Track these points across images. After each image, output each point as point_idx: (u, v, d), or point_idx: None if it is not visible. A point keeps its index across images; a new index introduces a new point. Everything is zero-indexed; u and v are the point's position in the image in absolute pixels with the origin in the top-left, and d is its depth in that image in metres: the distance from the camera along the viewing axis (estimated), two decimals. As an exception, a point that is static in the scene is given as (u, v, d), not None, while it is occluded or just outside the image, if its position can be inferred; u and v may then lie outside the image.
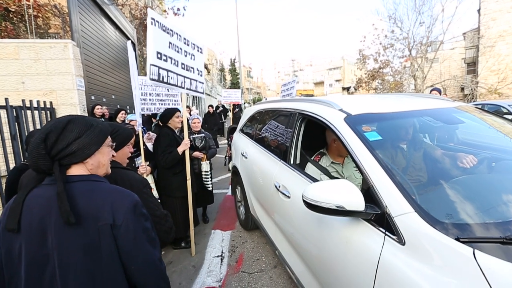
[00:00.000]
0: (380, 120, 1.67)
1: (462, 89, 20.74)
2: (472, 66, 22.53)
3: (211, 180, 3.56)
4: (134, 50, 4.04)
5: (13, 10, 6.11)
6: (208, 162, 3.52)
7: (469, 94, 16.95)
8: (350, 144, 1.45)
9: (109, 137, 0.99)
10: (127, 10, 9.60)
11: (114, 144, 1.30)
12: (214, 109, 10.40)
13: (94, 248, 0.81)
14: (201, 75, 3.22)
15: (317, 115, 1.85)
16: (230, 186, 4.38)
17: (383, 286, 1.06)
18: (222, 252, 2.92)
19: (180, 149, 2.81)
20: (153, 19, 2.35)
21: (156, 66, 2.42)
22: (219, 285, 2.39)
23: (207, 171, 3.48)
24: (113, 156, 1.31)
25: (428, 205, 1.10)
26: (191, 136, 3.42)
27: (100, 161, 0.94)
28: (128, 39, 7.82)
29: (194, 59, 3.03)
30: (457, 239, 0.93)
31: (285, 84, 6.91)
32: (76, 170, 0.88)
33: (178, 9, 10.01)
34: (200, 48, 3.17)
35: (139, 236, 0.88)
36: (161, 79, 2.49)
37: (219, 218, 3.78)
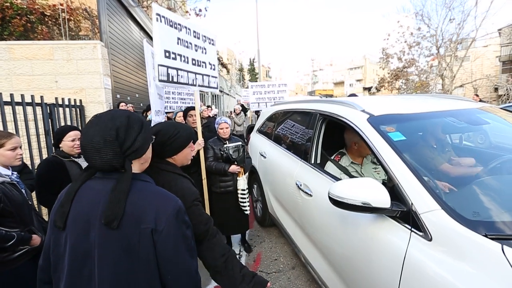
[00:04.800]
0: (402, 121, 1.68)
1: (496, 89, 19.37)
2: (507, 64, 20.99)
3: (248, 201, 2.69)
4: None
5: (48, 14, 6.52)
6: (245, 176, 2.71)
7: (504, 95, 15.76)
8: (374, 144, 1.48)
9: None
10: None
11: (173, 146, 1.17)
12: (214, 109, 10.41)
13: (133, 251, 0.78)
14: (214, 69, 2.99)
15: (340, 116, 1.86)
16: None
17: (410, 278, 1.08)
18: (240, 250, 2.94)
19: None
20: (158, 14, 2.16)
21: (165, 65, 2.29)
22: (236, 283, 2.40)
23: (244, 190, 2.64)
24: (172, 158, 1.20)
25: (454, 203, 1.12)
26: (224, 146, 2.59)
27: (148, 156, 0.91)
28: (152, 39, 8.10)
29: (205, 53, 2.83)
30: (485, 236, 0.96)
31: (264, 85, 6.39)
32: (134, 166, 0.85)
33: (200, 10, 10.14)
34: (212, 40, 2.94)
35: (179, 243, 0.83)
36: (170, 79, 2.37)
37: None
